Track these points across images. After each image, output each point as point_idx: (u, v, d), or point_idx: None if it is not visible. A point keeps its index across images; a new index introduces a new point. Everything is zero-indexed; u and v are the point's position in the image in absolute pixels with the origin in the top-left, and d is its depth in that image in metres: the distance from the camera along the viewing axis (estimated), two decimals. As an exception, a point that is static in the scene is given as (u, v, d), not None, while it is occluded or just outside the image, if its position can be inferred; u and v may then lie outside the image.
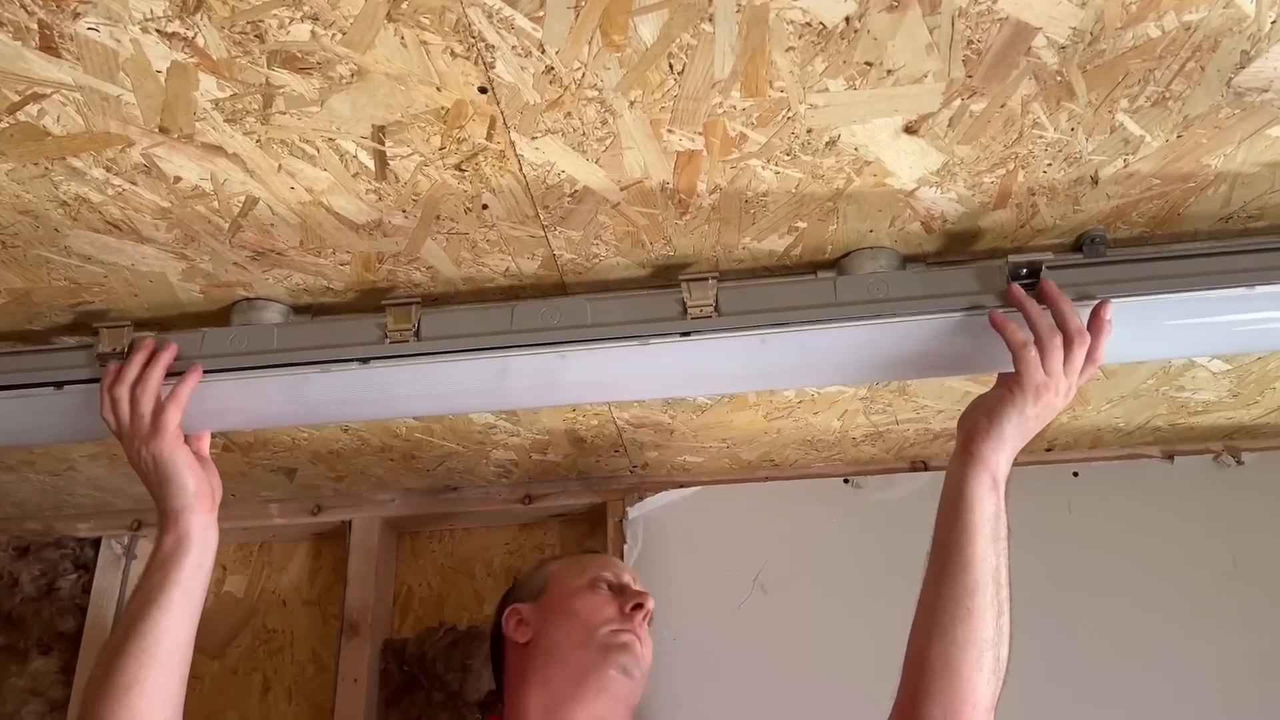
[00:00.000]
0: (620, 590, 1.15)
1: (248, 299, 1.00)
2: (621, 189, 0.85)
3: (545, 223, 0.89)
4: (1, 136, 0.76)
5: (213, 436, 1.30)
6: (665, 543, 1.48)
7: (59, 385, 0.97)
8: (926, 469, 1.47)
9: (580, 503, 1.53)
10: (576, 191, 0.85)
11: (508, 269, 0.96)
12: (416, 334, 0.95)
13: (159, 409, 0.93)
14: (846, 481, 1.47)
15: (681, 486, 1.50)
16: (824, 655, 1.39)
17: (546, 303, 0.96)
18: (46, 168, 0.80)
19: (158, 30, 0.68)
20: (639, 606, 1.11)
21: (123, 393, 0.94)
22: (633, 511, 1.49)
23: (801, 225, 0.91)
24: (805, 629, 1.40)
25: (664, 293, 0.95)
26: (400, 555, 1.59)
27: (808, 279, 0.95)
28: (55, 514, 1.56)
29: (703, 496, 1.50)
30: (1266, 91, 0.76)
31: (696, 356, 0.91)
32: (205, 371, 0.95)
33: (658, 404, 1.26)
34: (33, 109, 0.74)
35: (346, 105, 0.75)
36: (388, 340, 0.95)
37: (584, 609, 1.11)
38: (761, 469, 1.49)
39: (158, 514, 0.96)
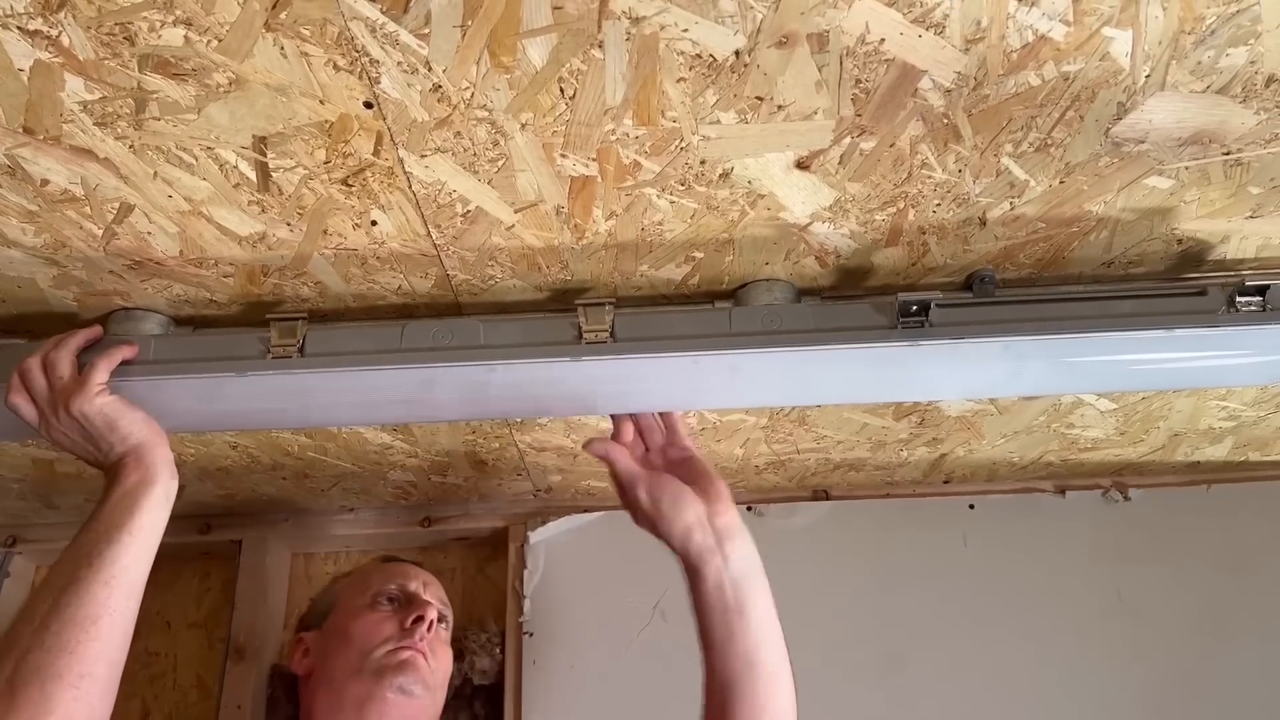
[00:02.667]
0: (406, 602, 1.09)
1: (125, 309, 0.96)
2: (516, 211, 0.84)
3: (438, 242, 0.87)
4: None
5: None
6: (567, 568, 1.46)
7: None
8: (829, 498, 1.48)
9: (483, 526, 1.50)
10: (469, 212, 0.84)
11: (400, 287, 0.94)
12: (301, 350, 0.92)
13: (83, 368, 0.87)
14: (750, 509, 1.47)
15: (586, 511, 1.48)
16: (721, 684, 1.38)
17: (439, 322, 0.94)
18: (-101, 165, 0.75)
19: (18, 27, 0.64)
20: (420, 619, 1.05)
21: (34, 363, 0.88)
22: (534, 536, 1.46)
23: (698, 255, 0.90)
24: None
25: (560, 316, 0.93)
26: (293, 577, 1.54)
27: (705, 308, 0.94)
28: (-78, 528, 1.48)
29: (606, 522, 1.48)
30: (1143, 143, 0.78)
31: (592, 378, 0.90)
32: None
33: (560, 428, 1.24)
34: (-118, 102, 0.69)
35: (225, 114, 0.72)
36: (269, 356, 0.91)
37: (359, 631, 1.06)
38: (665, 495, 1.48)
39: (107, 469, 0.88)
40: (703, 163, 0.79)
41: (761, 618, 0.89)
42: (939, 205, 0.85)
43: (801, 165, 0.79)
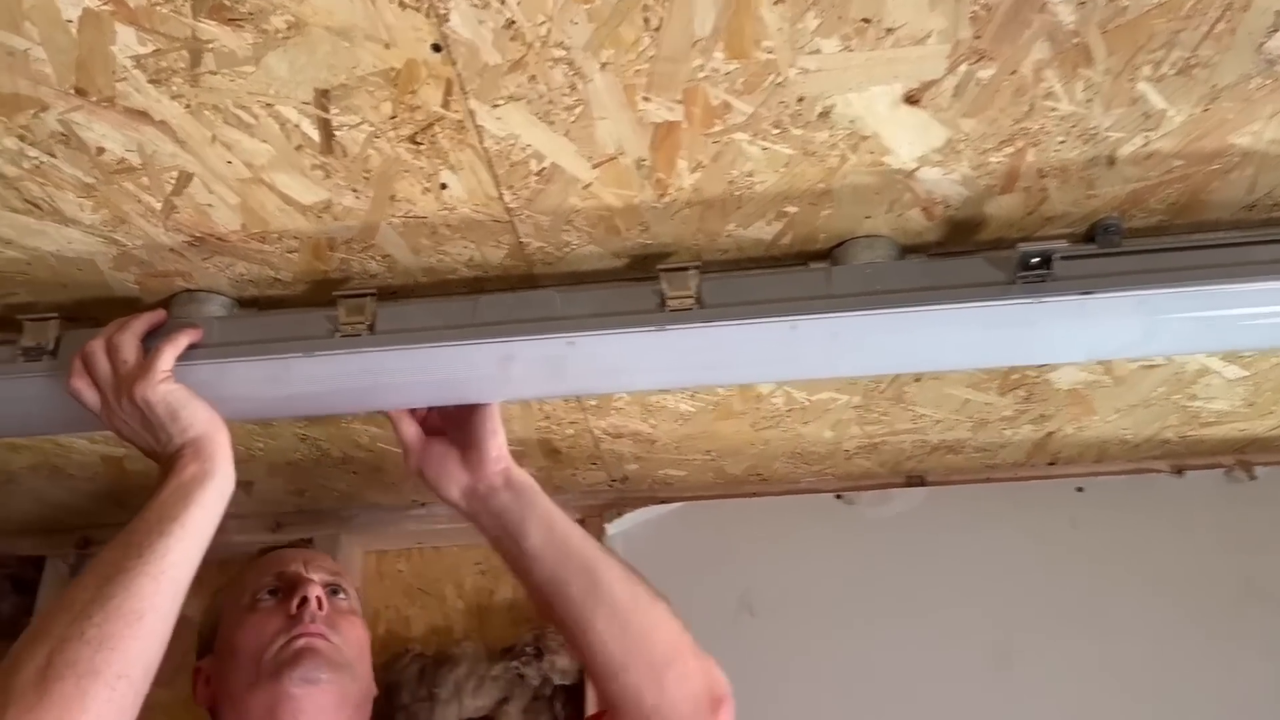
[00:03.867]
0: (288, 588, 0.98)
1: (188, 290, 0.91)
2: (593, 166, 0.77)
3: (511, 206, 0.81)
4: (-102, 98, 0.68)
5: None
6: (645, 562, 1.35)
7: (-27, 382, 0.88)
8: (924, 484, 1.39)
9: (557, 519, 1.44)
10: (544, 170, 0.77)
11: (471, 258, 0.88)
12: (370, 328, 0.87)
13: (148, 352, 0.83)
14: (839, 497, 1.39)
15: (663, 502, 1.42)
16: (816, 682, 1.30)
17: (514, 295, 0.88)
18: (-50, 135, 0.72)
19: (65, -29, 0.60)
20: (304, 601, 0.95)
21: (97, 346, 0.83)
22: (611, 529, 1.40)
23: (791, 210, 0.83)
24: (795, 654, 1.31)
25: (641, 284, 0.87)
26: (365, 576, 1.50)
27: (799, 270, 0.87)
28: (-4, 531, 1.47)
29: (685, 513, 1.41)
30: (1302, 59, 0.69)
31: (677, 349, 0.83)
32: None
33: (637, 412, 1.18)
34: (-70, 65, 0.66)
35: (284, 65, 0.67)
36: (338, 335, 0.86)
37: (245, 638, 0.95)
38: (748, 484, 1.40)
39: (164, 460, 0.83)
40: (800, 100, 0.71)
41: (543, 550, 0.90)
42: (1062, 143, 0.76)
43: (911, 100, 0.72)
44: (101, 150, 0.74)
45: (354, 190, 0.79)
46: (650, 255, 0.88)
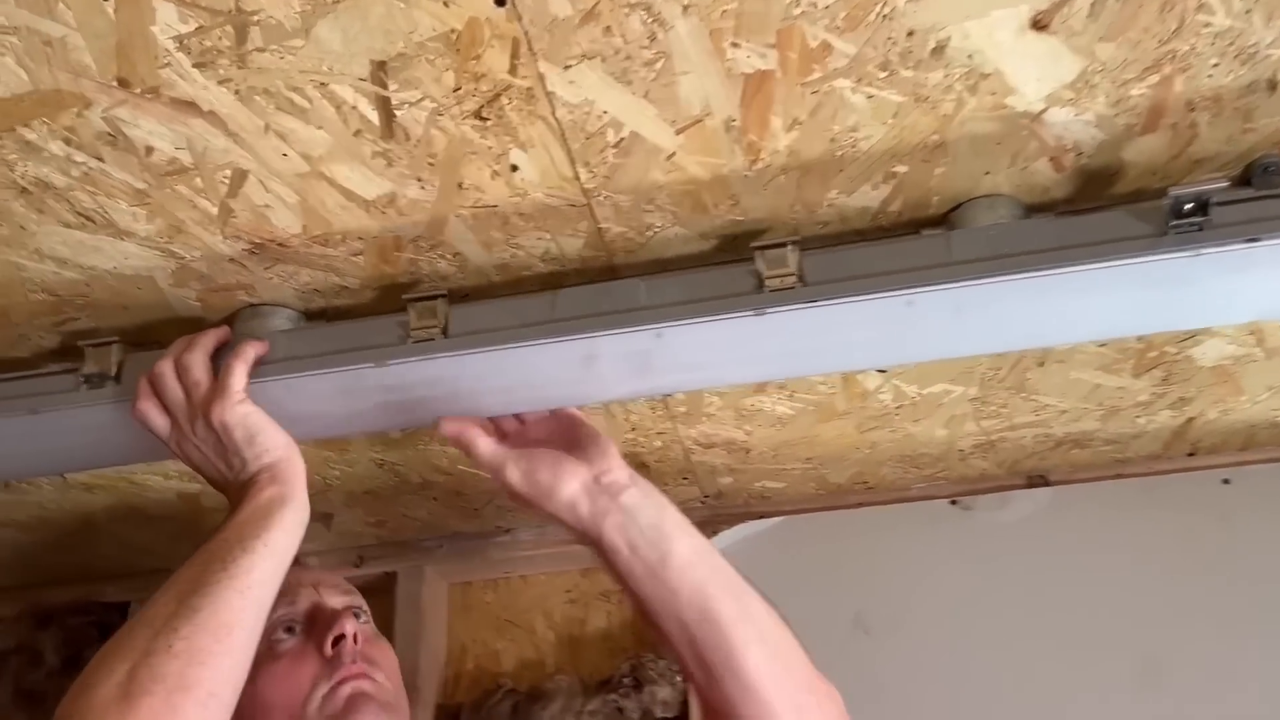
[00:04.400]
0: (310, 622, 0.86)
1: (252, 305, 0.86)
2: (677, 131, 0.69)
3: (587, 186, 0.74)
4: (-63, 104, 0.64)
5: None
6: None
7: (34, 411, 0.84)
8: (1047, 484, 1.26)
9: (648, 541, 1.35)
10: (622, 141, 0.70)
11: (547, 251, 0.81)
12: (444, 331, 0.80)
13: (219, 372, 0.78)
14: (954, 503, 1.27)
15: (761, 517, 1.32)
16: (942, 706, 1.19)
17: (594, 287, 0.81)
18: (-4, 143, 0.68)
19: (96, -58, 0.55)
20: (340, 638, 0.83)
21: (166, 368, 0.78)
22: (708, 548, 1.31)
23: (901, 170, 0.74)
24: (918, 676, 1.20)
25: (733, 267, 0.79)
26: (451, 608, 1.43)
27: (912, 238, 0.78)
28: (79, 577, 1.44)
29: (787, 528, 1.31)
30: None
31: (779, 333, 0.75)
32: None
33: (730, 418, 1.09)
34: (-33, 63, 0.61)
35: (336, 35, 0.61)
36: (410, 340, 0.80)
37: (274, 693, 0.81)
38: (853, 493, 1.30)
39: (235, 488, 0.78)
40: (910, 35, 0.63)
41: (693, 561, 0.76)
42: (1216, 66, 0.66)
43: (1038, 24, 0.62)
44: (150, 150, 0.69)
45: (419, 179, 0.73)
46: (742, 234, 0.80)
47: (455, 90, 0.65)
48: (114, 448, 0.87)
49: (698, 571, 0.76)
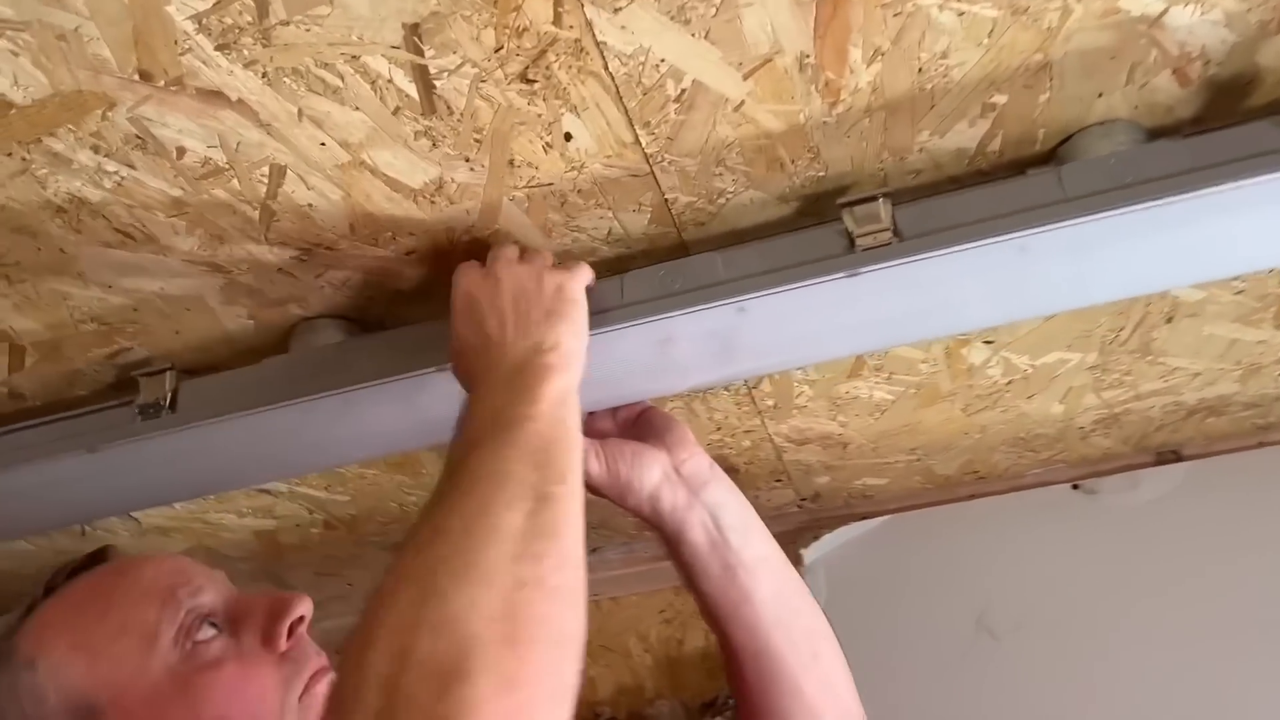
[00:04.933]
0: (234, 615, 0.67)
1: (305, 319, 0.82)
2: (745, 76, 0.62)
3: (649, 151, 0.67)
4: (-41, 118, 0.61)
5: (309, 513, 1.14)
6: (856, 590, 1.20)
7: (93, 449, 0.80)
8: (1180, 459, 1.15)
9: (743, 552, 1.27)
10: (684, 93, 0.63)
11: (610, 231, 0.75)
12: (504, 327, 0.74)
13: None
14: (1076, 488, 1.17)
15: (864, 518, 1.23)
16: (1084, 712, 1.07)
17: (665, 265, 0.74)
18: (23, 157, 0.64)
19: (99, -87, 0.51)
20: (299, 620, 0.67)
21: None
22: (808, 555, 1.22)
23: (1000, 101, 0.66)
24: (1053, 678, 1.09)
25: (818, 229, 0.71)
26: (541, 637, 1.37)
27: (1017, 179, 0.69)
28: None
29: (894, 527, 1.22)
30: None
31: (877, 294, 0.67)
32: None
33: (823, 408, 1.01)
34: (-17, 69, 0.58)
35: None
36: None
37: (235, 709, 0.63)
38: (963, 485, 1.20)
39: (512, 360, 0.63)
40: (1004, -69, 0.55)
41: (775, 564, 0.75)
42: (1370, -65, 0.57)
43: (1155, -99, 0.54)
44: (182, 151, 0.64)
45: (466, 159, 0.67)
46: (825, 193, 0.73)
47: (497, 51, 0.59)
48: (175, 480, 0.83)
49: (780, 577, 0.75)
